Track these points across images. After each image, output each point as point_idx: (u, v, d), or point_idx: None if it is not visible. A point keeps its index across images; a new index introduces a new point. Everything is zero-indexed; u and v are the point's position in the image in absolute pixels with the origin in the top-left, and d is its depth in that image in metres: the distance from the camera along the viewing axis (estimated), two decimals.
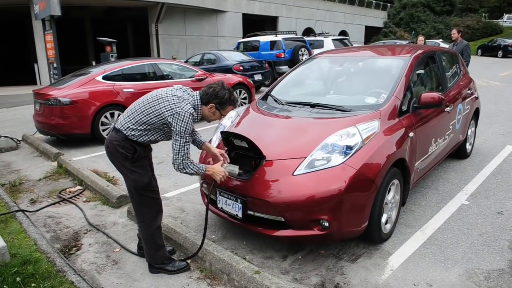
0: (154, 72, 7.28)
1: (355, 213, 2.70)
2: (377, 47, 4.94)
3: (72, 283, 2.55)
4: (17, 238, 3.19)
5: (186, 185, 4.39)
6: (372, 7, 36.85)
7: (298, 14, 28.32)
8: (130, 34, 27.00)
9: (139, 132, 2.51)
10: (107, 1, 19.88)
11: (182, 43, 21.59)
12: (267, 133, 3.18)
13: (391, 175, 2.91)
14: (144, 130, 2.51)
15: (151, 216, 2.69)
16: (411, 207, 3.66)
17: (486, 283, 2.54)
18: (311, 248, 3.00)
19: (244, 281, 2.46)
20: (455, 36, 7.54)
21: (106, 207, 3.94)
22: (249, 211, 2.79)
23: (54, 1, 10.74)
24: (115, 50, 12.85)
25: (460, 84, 4.68)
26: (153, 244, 2.73)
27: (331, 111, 3.29)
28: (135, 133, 2.51)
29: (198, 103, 2.51)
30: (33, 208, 3.97)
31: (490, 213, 3.51)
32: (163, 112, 2.43)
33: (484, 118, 6.91)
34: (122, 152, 2.53)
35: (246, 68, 11.34)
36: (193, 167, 2.49)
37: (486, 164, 4.79)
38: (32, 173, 5.12)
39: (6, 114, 10.08)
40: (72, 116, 6.05)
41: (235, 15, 23.54)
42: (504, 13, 41.05)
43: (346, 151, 2.74)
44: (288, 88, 4.22)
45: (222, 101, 2.52)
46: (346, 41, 17.04)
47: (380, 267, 2.74)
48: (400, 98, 3.28)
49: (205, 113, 2.57)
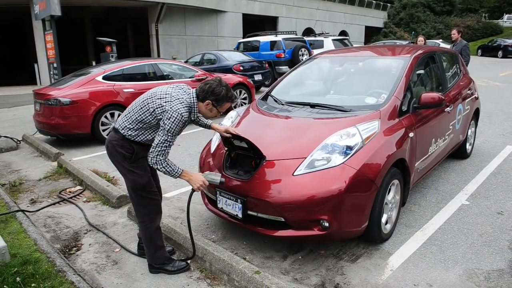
0: (154, 72, 7.28)
1: (355, 213, 2.70)
2: (377, 47, 4.94)
3: (72, 283, 2.55)
4: (17, 238, 3.19)
5: (186, 185, 4.35)
6: (372, 7, 36.87)
7: (298, 14, 28.33)
8: (130, 34, 27.00)
9: (136, 132, 2.51)
10: (107, 1, 19.88)
11: (182, 43, 21.60)
12: (267, 133, 3.18)
13: (391, 175, 2.91)
14: (141, 129, 2.50)
15: (150, 217, 2.68)
16: (411, 207, 3.66)
17: (486, 283, 2.54)
18: (311, 248, 3.00)
19: (244, 281, 2.46)
20: (455, 36, 7.54)
21: (106, 207, 3.94)
22: (249, 211, 2.79)
23: (54, 1, 10.73)
24: (115, 50, 12.84)
25: (460, 84, 4.68)
26: (152, 244, 2.72)
27: (331, 111, 3.29)
28: (132, 133, 2.51)
29: (194, 100, 2.49)
30: (33, 208, 3.97)
31: (490, 213, 3.51)
32: (155, 109, 2.42)
33: (484, 118, 6.91)
34: (121, 152, 2.53)
35: (246, 68, 11.34)
36: (165, 166, 2.40)
37: (486, 164, 4.79)
38: (32, 173, 5.12)
39: (6, 114, 10.08)
40: (72, 116, 6.05)
41: (235, 15, 23.54)
42: (504, 13, 41.06)
43: (346, 151, 2.74)
44: (288, 88, 4.22)
45: (219, 97, 2.48)
46: (346, 41, 17.04)
47: (380, 267, 2.74)
48: (400, 98, 3.28)
49: (202, 110, 2.54)
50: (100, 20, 25.05)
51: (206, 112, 2.56)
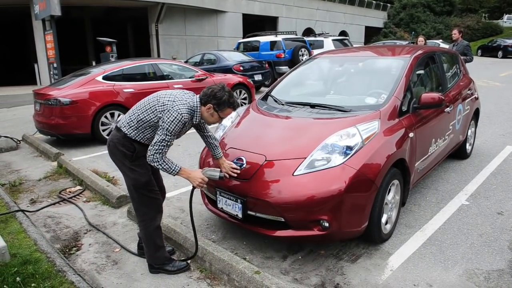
0: (154, 72, 7.28)
1: (355, 213, 2.70)
2: (377, 48, 4.94)
3: (72, 283, 2.55)
4: (17, 238, 3.19)
5: (186, 185, 4.38)
6: (372, 8, 36.87)
7: (298, 14, 28.33)
8: (130, 34, 27.00)
9: (137, 131, 2.52)
10: (107, 1, 19.88)
11: (182, 43, 21.60)
12: (267, 133, 3.18)
13: (391, 176, 2.91)
14: (142, 128, 2.52)
15: (150, 216, 2.69)
16: (411, 207, 3.66)
17: (486, 284, 2.54)
18: (311, 248, 3.00)
19: (244, 281, 2.46)
20: (456, 36, 7.54)
21: (106, 207, 3.94)
22: (249, 211, 2.79)
23: (54, 1, 10.73)
24: (115, 50, 12.84)
25: (460, 84, 4.68)
26: (152, 244, 2.73)
27: (331, 112, 3.29)
28: (133, 132, 2.52)
29: (198, 104, 2.51)
30: (33, 208, 3.97)
31: (490, 214, 3.51)
32: (157, 108, 2.45)
33: (484, 118, 6.92)
34: (122, 150, 2.55)
35: (246, 68, 11.34)
36: (162, 163, 2.42)
37: (486, 164, 4.79)
38: (32, 173, 5.12)
39: (6, 114, 10.08)
40: (72, 116, 6.05)
41: (235, 15, 23.54)
42: (504, 14, 41.06)
43: (346, 151, 2.74)
44: (288, 88, 4.22)
45: (220, 102, 2.49)
46: (346, 41, 17.04)
47: (380, 268, 2.74)
48: (400, 98, 3.28)
49: (203, 115, 2.55)
50: (100, 20, 25.05)
51: (208, 117, 2.56)
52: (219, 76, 8.58)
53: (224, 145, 3.20)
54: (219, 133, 3.49)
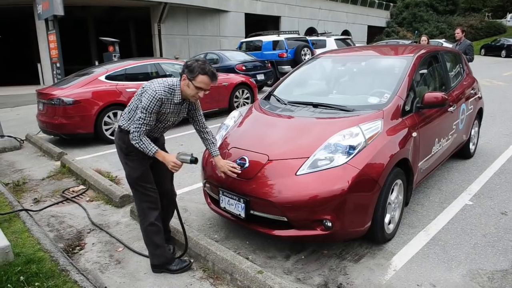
0: (156, 72, 7.30)
1: (358, 213, 2.69)
2: (380, 47, 4.93)
3: (75, 282, 2.55)
4: (21, 237, 3.21)
5: (189, 184, 4.40)
6: (374, 7, 36.77)
7: (300, 14, 28.31)
8: (133, 34, 27.06)
9: (128, 122, 2.59)
10: (109, 1, 19.94)
11: (185, 43, 21.62)
12: (269, 133, 3.18)
13: (394, 175, 2.90)
14: (132, 117, 2.56)
15: (144, 212, 2.70)
16: (414, 207, 3.65)
17: (490, 284, 2.53)
18: (314, 248, 3.00)
19: (247, 281, 2.46)
20: (459, 35, 7.51)
21: (109, 207, 3.95)
22: (252, 211, 2.79)
23: (57, 1, 10.75)
24: (117, 50, 12.87)
25: (463, 84, 4.66)
26: (150, 242, 2.74)
27: (334, 111, 3.28)
28: (125, 123, 2.60)
29: (177, 82, 2.54)
30: (37, 207, 3.98)
31: (494, 214, 3.49)
32: (139, 93, 2.54)
33: (487, 118, 6.88)
34: (119, 143, 2.65)
35: (248, 68, 11.34)
36: (139, 142, 2.47)
37: (489, 164, 4.77)
38: (35, 173, 5.14)
39: (10, 114, 10.12)
40: (75, 115, 6.07)
41: (237, 15, 23.55)
42: (508, 13, 40.82)
43: (349, 151, 2.73)
44: (290, 88, 4.22)
45: (191, 69, 2.45)
46: (349, 40, 17.01)
47: (383, 268, 2.74)
48: (403, 98, 3.27)
49: (182, 89, 2.52)
50: (102, 20, 25.11)
51: (185, 90, 2.51)
52: (222, 75, 8.57)
53: (227, 144, 3.21)
54: (222, 133, 3.49)
